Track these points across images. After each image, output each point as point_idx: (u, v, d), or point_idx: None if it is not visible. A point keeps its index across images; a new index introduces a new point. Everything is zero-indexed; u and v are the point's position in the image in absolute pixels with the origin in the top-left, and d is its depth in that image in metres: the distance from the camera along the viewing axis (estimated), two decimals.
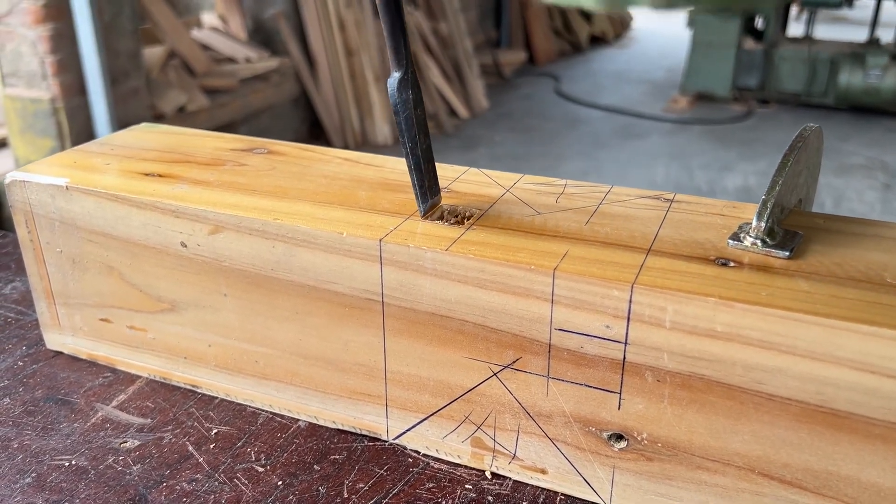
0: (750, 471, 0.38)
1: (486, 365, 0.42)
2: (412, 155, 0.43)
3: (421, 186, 0.44)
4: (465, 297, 0.41)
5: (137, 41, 2.61)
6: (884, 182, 2.94)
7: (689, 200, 0.46)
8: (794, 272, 0.37)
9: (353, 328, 0.45)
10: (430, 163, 0.44)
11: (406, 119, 0.42)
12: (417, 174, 0.43)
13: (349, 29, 3.39)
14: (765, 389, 0.36)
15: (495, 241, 0.41)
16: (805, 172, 0.45)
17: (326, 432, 0.48)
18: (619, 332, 0.38)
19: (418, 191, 0.44)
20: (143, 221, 0.48)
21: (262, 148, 0.56)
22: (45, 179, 0.50)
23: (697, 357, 0.37)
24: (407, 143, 0.43)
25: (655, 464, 0.40)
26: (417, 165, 0.43)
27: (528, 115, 3.85)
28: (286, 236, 0.44)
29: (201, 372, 0.51)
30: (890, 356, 0.33)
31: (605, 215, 0.44)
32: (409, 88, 0.42)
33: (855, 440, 0.35)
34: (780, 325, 0.34)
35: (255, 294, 0.46)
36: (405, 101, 0.42)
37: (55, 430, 0.49)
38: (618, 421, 0.40)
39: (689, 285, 0.36)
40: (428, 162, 0.44)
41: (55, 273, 0.53)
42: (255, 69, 3.17)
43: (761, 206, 0.40)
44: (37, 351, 0.57)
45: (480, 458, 0.45)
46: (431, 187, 0.44)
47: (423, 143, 0.43)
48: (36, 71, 2.38)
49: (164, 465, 0.45)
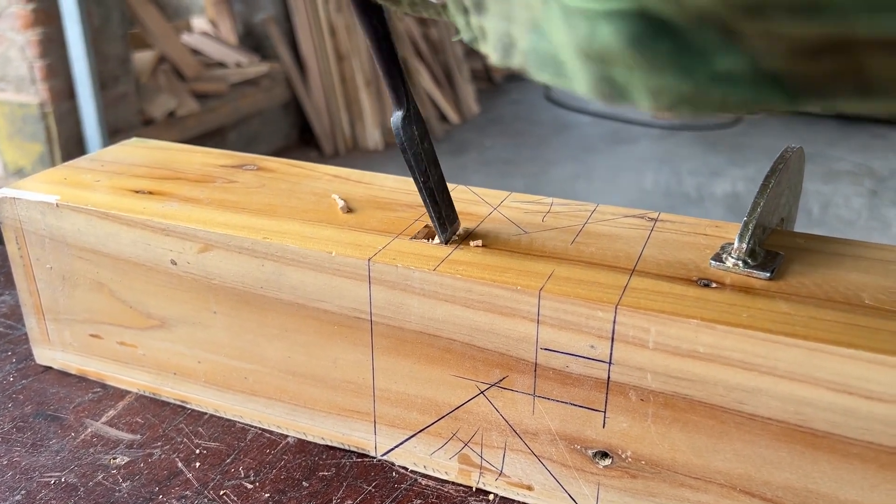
0: (732, 488, 0.38)
1: (473, 383, 0.43)
2: (425, 188, 0.43)
3: (439, 217, 0.43)
4: (453, 316, 0.41)
5: (127, 46, 2.61)
6: (870, 188, 2.96)
7: (673, 220, 0.47)
8: (774, 293, 0.38)
9: (342, 346, 0.45)
10: (445, 192, 0.44)
11: (415, 155, 0.42)
12: (434, 207, 0.43)
13: (340, 34, 3.39)
14: (746, 409, 0.36)
15: (482, 260, 0.42)
16: (787, 193, 0.46)
17: (315, 448, 0.49)
18: (604, 352, 0.38)
19: (437, 222, 0.43)
20: (134, 239, 0.48)
21: (251, 164, 0.56)
22: (36, 196, 0.50)
23: (680, 377, 0.37)
24: (419, 178, 0.43)
25: (639, 481, 0.41)
26: (432, 198, 0.43)
27: (518, 120, 3.86)
28: (275, 255, 0.44)
29: (191, 388, 0.52)
30: (867, 378, 0.34)
31: (591, 234, 0.45)
32: (413, 124, 0.42)
33: (833, 459, 0.36)
34: (760, 346, 0.35)
35: (244, 312, 0.47)
36: (411, 138, 0.42)
37: (44, 446, 0.49)
38: (602, 439, 0.41)
39: (671, 307, 0.37)
40: (442, 192, 0.44)
41: (45, 289, 0.53)
42: (245, 74, 3.17)
43: (743, 228, 0.41)
44: (26, 366, 0.57)
45: (468, 475, 0.45)
46: (449, 215, 0.44)
47: (435, 175, 0.43)
48: (25, 75, 2.37)
49: (154, 482, 0.46)
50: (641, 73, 0.21)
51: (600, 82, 0.22)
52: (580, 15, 0.21)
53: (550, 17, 0.23)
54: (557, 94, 4.27)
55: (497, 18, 0.26)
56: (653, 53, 0.20)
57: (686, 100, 0.21)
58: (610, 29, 0.20)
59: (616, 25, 0.20)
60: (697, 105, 0.21)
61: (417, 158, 0.42)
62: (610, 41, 0.21)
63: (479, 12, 0.26)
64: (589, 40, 0.21)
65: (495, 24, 0.26)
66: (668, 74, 0.21)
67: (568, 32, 0.22)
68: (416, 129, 0.42)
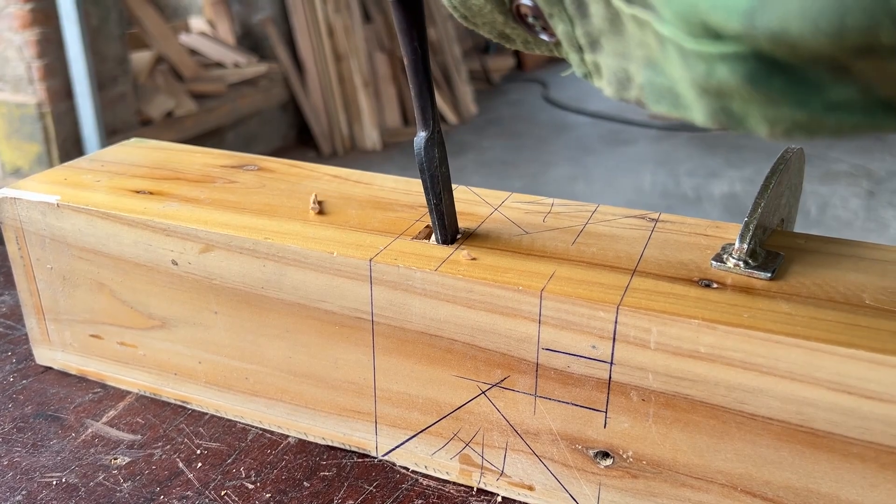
0: (733, 488, 0.39)
1: (474, 383, 0.43)
2: (436, 211, 0.44)
3: (444, 239, 0.44)
4: (454, 316, 0.41)
5: (125, 46, 2.61)
6: (868, 189, 2.97)
7: (674, 220, 0.47)
8: (775, 293, 0.38)
9: (343, 346, 0.45)
10: (453, 217, 0.45)
11: (432, 177, 0.43)
12: (441, 230, 0.44)
13: (338, 34, 3.39)
14: (747, 409, 0.37)
15: (484, 261, 0.42)
16: (787, 193, 0.46)
17: (316, 449, 0.49)
18: (605, 352, 0.39)
19: (440, 242, 0.44)
20: (134, 239, 0.48)
21: (252, 164, 0.56)
22: (36, 197, 0.50)
23: (681, 377, 0.37)
24: (432, 199, 0.43)
25: (640, 481, 0.41)
26: (441, 221, 0.44)
27: (516, 121, 3.86)
28: (276, 255, 0.44)
29: (192, 388, 0.52)
30: (867, 377, 0.34)
31: (592, 235, 0.45)
32: (436, 147, 0.43)
33: (834, 459, 0.36)
34: (761, 346, 0.35)
35: (245, 312, 0.47)
36: (431, 160, 0.43)
37: (45, 446, 0.49)
38: (604, 439, 0.41)
39: (672, 307, 0.37)
40: (451, 217, 0.44)
41: (45, 289, 0.53)
42: (243, 74, 3.17)
43: (744, 229, 0.41)
44: (26, 366, 0.57)
45: (468, 475, 0.45)
46: (454, 239, 0.45)
47: (447, 200, 0.44)
48: (22, 75, 2.37)
49: (155, 482, 0.46)
50: (758, 105, 0.22)
51: (718, 113, 0.23)
52: (697, 57, 0.22)
53: (667, 56, 0.23)
54: (555, 95, 4.28)
55: (612, 56, 0.27)
56: (767, 88, 0.21)
57: (802, 127, 0.22)
58: (726, 69, 0.21)
59: (731, 66, 0.21)
60: (813, 131, 0.22)
61: (434, 181, 0.43)
62: (727, 79, 0.22)
63: (594, 51, 0.27)
64: (706, 78, 0.22)
65: (610, 61, 0.27)
66: (784, 106, 0.21)
67: (685, 70, 0.23)
68: (437, 152, 0.43)
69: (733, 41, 0.21)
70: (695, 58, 0.22)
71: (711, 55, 0.21)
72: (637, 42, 0.25)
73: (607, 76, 0.27)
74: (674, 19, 0.22)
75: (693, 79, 0.23)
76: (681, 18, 0.21)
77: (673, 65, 0.23)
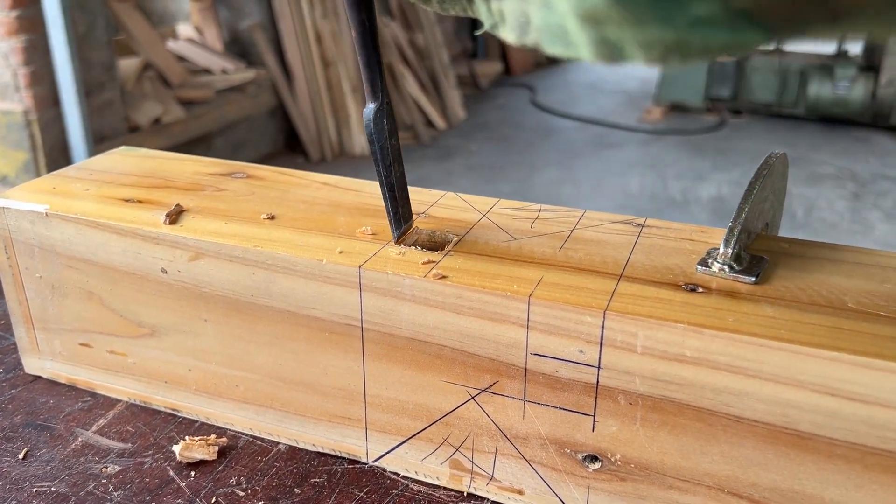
0: (720, 490, 0.39)
1: (463, 389, 0.43)
2: (386, 183, 0.44)
3: (395, 213, 0.45)
4: (443, 322, 0.42)
5: (112, 52, 2.60)
6: (853, 191, 3.00)
7: (660, 225, 0.47)
8: (759, 297, 0.39)
9: (333, 353, 0.45)
10: (404, 189, 0.46)
11: (381, 149, 0.44)
12: (392, 202, 0.45)
13: (326, 40, 3.39)
14: (732, 412, 0.37)
15: (472, 267, 0.42)
16: (771, 198, 0.46)
17: (306, 455, 0.49)
18: (593, 356, 0.39)
19: (392, 217, 0.45)
20: (124, 248, 0.48)
21: (240, 172, 0.57)
22: (25, 206, 0.50)
23: (668, 381, 0.38)
24: (382, 171, 0.44)
25: (629, 484, 0.41)
26: (392, 193, 0.44)
27: (504, 126, 3.87)
28: (266, 263, 0.44)
29: (182, 396, 0.52)
30: (850, 380, 0.34)
31: (579, 241, 0.45)
32: (385, 119, 0.43)
33: (818, 460, 0.36)
34: (746, 350, 0.36)
35: (235, 319, 0.47)
36: (381, 131, 0.43)
37: (35, 456, 0.49)
38: (592, 443, 0.41)
39: (659, 311, 0.38)
40: (402, 189, 0.45)
41: (34, 298, 0.53)
42: (231, 80, 3.17)
43: (728, 233, 0.41)
44: (15, 375, 0.57)
45: (459, 480, 0.46)
46: (405, 213, 0.46)
47: (398, 171, 0.45)
48: (8, 83, 2.36)
49: (145, 491, 0.46)
50: (629, 28, 0.23)
51: (599, 45, 0.24)
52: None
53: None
54: (543, 99, 4.29)
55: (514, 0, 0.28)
56: (632, 5, 0.22)
57: (672, 49, 0.23)
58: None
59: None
60: (683, 53, 0.23)
61: (384, 152, 0.44)
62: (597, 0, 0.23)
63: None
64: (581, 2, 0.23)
65: (513, 6, 0.28)
66: (651, 26, 0.22)
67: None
68: (386, 124, 0.43)
69: None
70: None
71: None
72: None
73: (510, 22, 0.29)
74: None
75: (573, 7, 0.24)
76: None
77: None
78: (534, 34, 0.28)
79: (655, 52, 0.23)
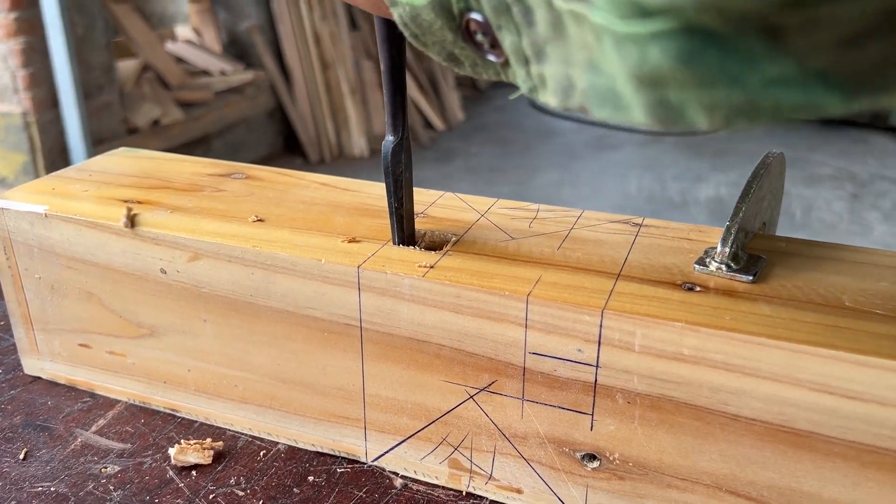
0: (717, 488, 0.39)
1: (462, 388, 0.43)
2: (396, 215, 0.45)
3: (401, 241, 0.45)
4: (442, 322, 0.42)
5: (110, 54, 2.60)
6: (851, 192, 3.00)
7: (658, 225, 0.48)
8: (757, 296, 0.39)
9: (332, 353, 0.45)
10: (411, 221, 0.46)
11: (395, 181, 0.44)
12: (399, 233, 0.45)
13: (324, 42, 3.40)
14: (730, 410, 0.37)
15: (471, 267, 0.42)
16: (768, 197, 0.47)
17: (306, 455, 0.49)
18: (591, 355, 0.39)
19: (396, 243, 0.45)
20: (123, 248, 0.48)
21: (239, 173, 0.57)
22: (24, 207, 0.50)
23: (666, 379, 0.38)
24: (393, 202, 0.44)
25: (627, 483, 0.41)
26: (400, 224, 0.45)
27: (503, 127, 3.88)
28: (265, 263, 0.45)
29: (181, 396, 0.52)
30: (848, 378, 0.34)
31: (577, 240, 0.46)
32: (402, 153, 0.44)
33: (816, 458, 0.36)
34: (743, 348, 0.36)
35: (234, 320, 0.47)
36: (397, 165, 0.44)
37: (34, 456, 0.49)
38: (590, 441, 0.41)
39: (656, 310, 0.38)
40: (409, 220, 0.46)
41: (34, 299, 0.53)
42: (229, 82, 3.17)
43: (725, 232, 0.41)
44: (14, 376, 0.57)
45: (457, 479, 0.46)
46: (411, 240, 0.46)
47: (408, 204, 0.45)
48: (7, 85, 2.36)
49: (145, 491, 0.46)
50: (694, 89, 0.21)
51: (656, 107, 0.22)
52: (630, 41, 0.22)
53: (604, 50, 0.23)
54: None
55: (557, 64, 0.26)
56: (701, 66, 0.21)
57: (740, 111, 0.21)
58: (658, 49, 0.21)
59: (664, 45, 0.21)
60: (752, 115, 0.21)
61: (398, 185, 0.44)
62: (660, 61, 0.21)
63: (540, 61, 0.27)
64: (640, 65, 0.22)
65: (555, 69, 0.27)
66: (720, 87, 0.21)
67: (621, 62, 0.22)
68: (403, 158, 0.44)
69: (662, 16, 0.20)
70: (627, 43, 0.22)
71: (642, 36, 0.21)
72: (578, 44, 0.25)
73: (552, 86, 0.27)
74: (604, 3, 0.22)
75: (628, 70, 0.22)
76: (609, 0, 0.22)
77: (609, 59, 0.23)
78: (579, 98, 0.26)
79: (720, 114, 0.21)
